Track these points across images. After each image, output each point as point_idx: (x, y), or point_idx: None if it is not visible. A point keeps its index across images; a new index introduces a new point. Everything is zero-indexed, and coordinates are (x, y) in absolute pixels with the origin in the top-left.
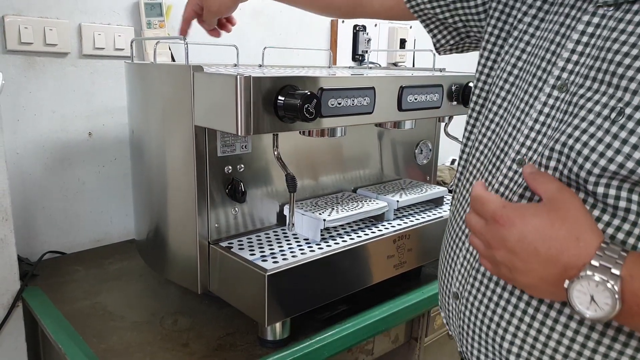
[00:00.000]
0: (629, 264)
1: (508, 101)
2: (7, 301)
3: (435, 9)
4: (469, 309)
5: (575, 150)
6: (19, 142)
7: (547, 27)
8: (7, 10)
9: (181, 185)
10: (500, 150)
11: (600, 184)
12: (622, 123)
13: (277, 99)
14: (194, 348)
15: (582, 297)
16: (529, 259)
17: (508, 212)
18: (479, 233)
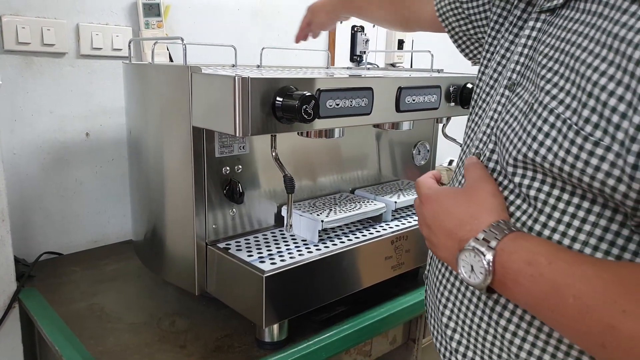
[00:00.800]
0: (506, 239)
1: (483, 101)
2: (4, 302)
3: (459, 21)
4: (429, 286)
5: (501, 142)
6: (16, 142)
7: (514, 32)
8: (5, 10)
9: (179, 186)
10: (469, 148)
11: (517, 174)
12: (530, 117)
13: (275, 100)
14: (192, 349)
15: (466, 266)
16: (439, 233)
17: (429, 193)
18: (416, 211)
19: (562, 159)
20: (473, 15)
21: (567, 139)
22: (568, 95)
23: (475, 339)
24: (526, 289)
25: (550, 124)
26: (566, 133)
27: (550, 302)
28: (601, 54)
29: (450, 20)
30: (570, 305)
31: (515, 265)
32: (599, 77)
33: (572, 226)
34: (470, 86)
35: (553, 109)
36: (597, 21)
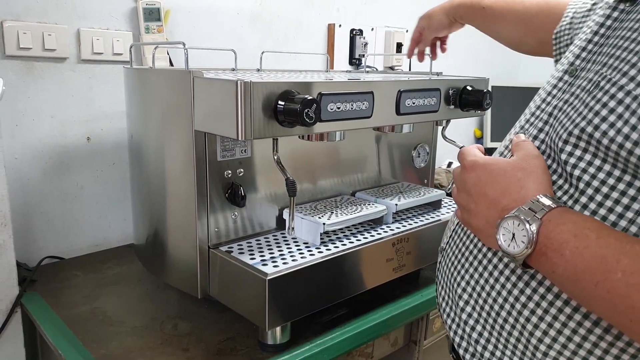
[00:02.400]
0: (554, 212)
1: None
2: (6, 307)
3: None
4: (444, 258)
5: (556, 119)
6: (18, 147)
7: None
8: (6, 16)
9: (181, 190)
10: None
11: (565, 150)
12: (594, 94)
13: (277, 103)
14: (194, 352)
15: (506, 235)
16: (479, 201)
17: (476, 160)
18: (454, 179)
19: (626, 135)
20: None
21: (635, 114)
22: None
23: (488, 313)
24: (569, 261)
25: (618, 100)
26: (636, 109)
27: (595, 276)
28: None
29: (562, 43)
30: (617, 280)
31: (562, 236)
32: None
33: (614, 211)
34: (470, 89)
35: (623, 85)
36: None
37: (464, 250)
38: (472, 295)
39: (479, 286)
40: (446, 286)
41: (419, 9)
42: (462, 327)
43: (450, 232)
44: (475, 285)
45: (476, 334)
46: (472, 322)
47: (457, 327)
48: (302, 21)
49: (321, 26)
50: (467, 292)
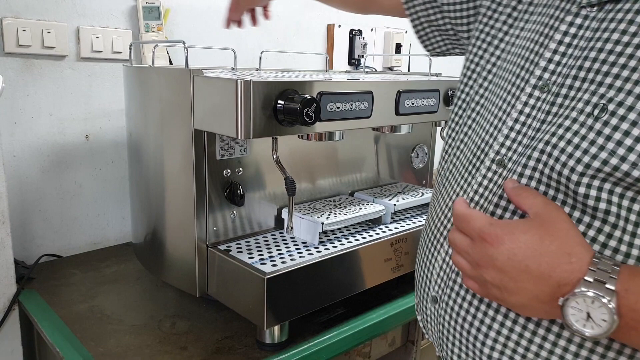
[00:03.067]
0: (624, 278)
1: (490, 101)
2: (3, 304)
3: (427, 10)
4: (448, 313)
5: (559, 148)
6: (16, 145)
7: (531, 28)
8: (5, 13)
9: (180, 188)
10: (480, 150)
11: (582, 183)
12: (605, 119)
13: (277, 103)
14: (193, 351)
15: (578, 314)
16: (520, 277)
17: (496, 229)
18: (464, 252)
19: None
20: (449, 6)
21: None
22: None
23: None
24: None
25: (623, 131)
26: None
27: None
28: None
29: (418, 8)
30: None
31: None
32: None
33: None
34: None
35: (631, 107)
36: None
37: (478, 305)
38: (505, 353)
39: (511, 342)
40: (463, 346)
41: None
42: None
43: (446, 281)
44: (506, 342)
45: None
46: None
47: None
48: (301, 21)
49: (321, 26)
50: (497, 351)
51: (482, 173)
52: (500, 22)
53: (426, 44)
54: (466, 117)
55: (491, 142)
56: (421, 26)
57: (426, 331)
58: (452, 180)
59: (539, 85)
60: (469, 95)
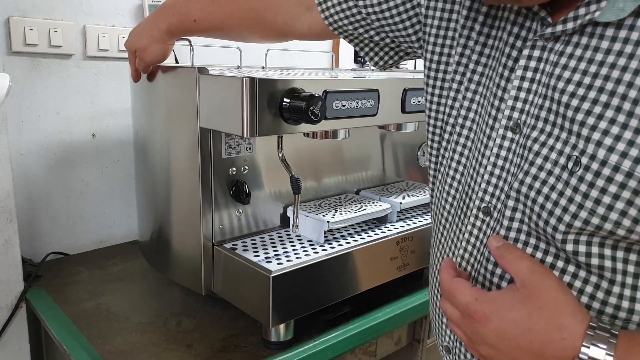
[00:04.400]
0: (621, 350)
1: (470, 140)
2: (11, 302)
3: (358, 30)
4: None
5: (538, 204)
6: (23, 144)
7: (495, 56)
8: (13, 12)
9: (185, 187)
10: (466, 194)
11: (568, 240)
12: (580, 175)
13: (283, 101)
14: (198, 349)
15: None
16: (514, 353)
17: (482, 307)
18: (456, 324)
19: (635, 218)
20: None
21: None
22: (632, 145)
23: None
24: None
25: (619, 184)
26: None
27: None
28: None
29: (345, 27)
30: None
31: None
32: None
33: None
34: None
35: (619, 166)
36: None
37: None
38: None
39: None
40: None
41: None
42: None
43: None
44: None
45: None
46: None
47: None
48: None
49: None
50: None
51: (470, 222)
52: (460, 47)
53: (375, 60)
54: (451, 151)
55: (475, 187)
56: (362, 44)
57: None
58: (447, 225)
59: (510, 125)
60: (445, 132)
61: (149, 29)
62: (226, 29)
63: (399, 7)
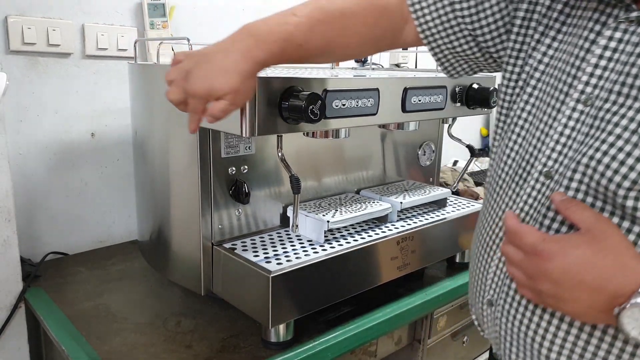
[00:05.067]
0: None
1: (533, 115)
2: (10, 302)
3: (449, 37)
4: (505, 316)
5: (603, 164)
6: (22, 143)
7: (569, 41)
8: (11, 11)
9: (185, 186)
10: (526, 162)
11: (629, 197)
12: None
13: (282, 100)
14: (198, 350)
15: (634, 323)
16: (575, 289)
17: (549, 245)
18: (518, 265)
19: None
20: (477, 30)
21: None
22: None
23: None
24: None
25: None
26: None
27: None
28: None
29: (440, 42)
30: None
31: None
32: None
33: None
34: (477, 86)
35: None
36: None
37: (534, 308)
38: (562, 353)
39: (568, 343)
40: (521, 347)
41: None
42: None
43: (501, 286)
44: (563, 344)
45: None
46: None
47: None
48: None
49: None
50: (555, 352)
51: (530, 184)
52: (538, 34)
53: (449, 69)
54: (509, 131)
55: (537, 155)
56: (442, 54)
57: (481, 329)
58: (500, 191)
59: (582, 99)
60: (511, 109)
61: (238, 64)
62: (334, 49)
63: (493, 7)
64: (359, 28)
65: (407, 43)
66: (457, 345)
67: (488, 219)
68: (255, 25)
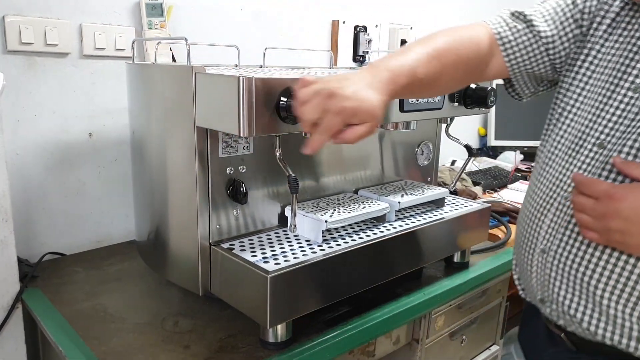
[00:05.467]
0: None
1: (585, 100)
2: (7, 303)
3: (531, 63)
4: (557, 259)
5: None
6: (19, 143)
7: (622, 40)
8: (8, 10)
9: (182, 186)
10: (580, 137)
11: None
12: None
13: (280, 100)
14: (195, 350)
15: None
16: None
17: (620, 189)
18: (590, 209)
19: None
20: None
21: None
22: None
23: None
24: None
25: None
26: None
27: None
28: None
29: (523, 69)
30: None
31: None
32: None
33: None
34: (475, 86)
35: None
36: None
37: (586, 249)
38: (614, 293)
39: (621, 281)
40: (569, 284)
41: (424, 6)
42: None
43: (555, 234)
44: (616, 284)
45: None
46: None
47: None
48: (305, 17)
49: (325, 23)
50: (607, 291)
51: (584, 154)
52: (596, 37)
53: (519, 94)
54: (566, 111)
55: (590, 131)
56: (522, 80)
57: (520, 283)
58: (553, 163)
59: (632, 87)
60: (569, 92)
61: (381, 94)
62: (440, 82)
63: (568, 34)
64: (460, 62)
65: (489, 76)
66: (455, 344)
67: (540, 187)
68: (385, 62)
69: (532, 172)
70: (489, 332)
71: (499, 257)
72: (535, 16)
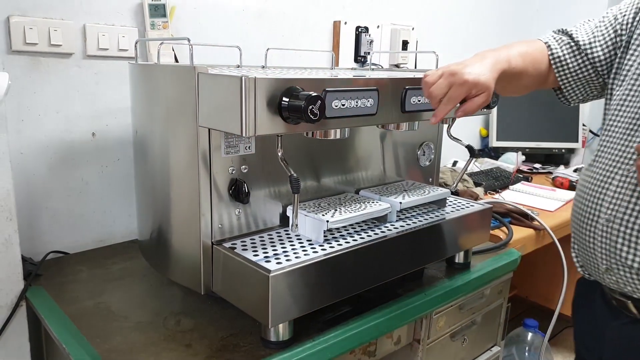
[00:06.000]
0: None
1: (635, 96)
2: (11, 301)
3: (579, 75)
4: (623, 225)
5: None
6: (23, 143)
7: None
8: (13, 11)
9: (185, 186)
10: (633, 124)
11: None
12: None
13: (282, 100)
14: (197, 348)
15: None
16: None
17: None
18: None
19: None
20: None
21: None
22: None
23: None
24: None
25: None
26: None
27: None
28: None
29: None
30: None
31: None
32: None
33: None
34: None
35: None
36: None
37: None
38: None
39: None
40: (637, 249)
41: (425, 6)
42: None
43: (620, 203)
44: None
45: None
46: None
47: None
48: (307, 18)
49: (327, 23)
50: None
51: (632, 146)
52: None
53: (568, 99)
54: (622, 101)
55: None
56: (570, 85)
57: (579, 260)
58: (613, 143)
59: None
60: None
61: (493, 71)
62: (523, 78)
63: (609, 46)
64: (534, 65)
65: (548, 83)
66: (456, 345)
67: (600, 162)
68: (488, 52)
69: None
70: (490, 333)
71: (500, 258)
72: (574, 30)
